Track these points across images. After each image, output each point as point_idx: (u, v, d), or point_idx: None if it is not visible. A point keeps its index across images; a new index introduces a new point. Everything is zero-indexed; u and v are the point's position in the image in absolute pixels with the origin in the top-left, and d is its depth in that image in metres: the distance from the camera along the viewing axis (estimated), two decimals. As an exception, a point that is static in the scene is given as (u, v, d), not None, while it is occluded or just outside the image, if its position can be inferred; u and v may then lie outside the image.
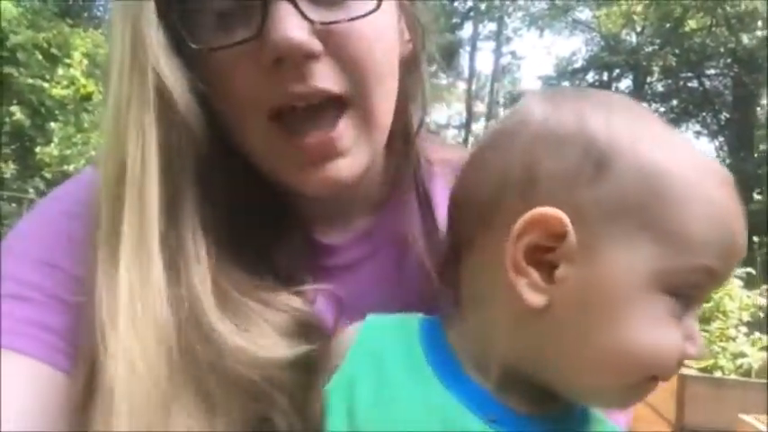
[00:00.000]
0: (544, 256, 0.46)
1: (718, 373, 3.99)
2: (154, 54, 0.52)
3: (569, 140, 0.46)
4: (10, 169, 8.25)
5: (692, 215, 0.45)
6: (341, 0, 0.55)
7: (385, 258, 0.67)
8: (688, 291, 0.46)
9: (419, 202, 0.67)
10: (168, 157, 0.53)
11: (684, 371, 3.76)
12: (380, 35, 0.57)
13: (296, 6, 0.52)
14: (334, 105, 0.55)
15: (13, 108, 8.34)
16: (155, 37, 0.52)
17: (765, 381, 3.49)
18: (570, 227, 0.45)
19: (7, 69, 8.11)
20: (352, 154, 0.57)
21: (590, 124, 0.47)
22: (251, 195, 0.60)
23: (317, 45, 0.53)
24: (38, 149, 8.42)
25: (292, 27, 0.51)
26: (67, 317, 0.56)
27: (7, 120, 8.26)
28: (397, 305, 0.59)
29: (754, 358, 3.96)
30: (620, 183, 0.45)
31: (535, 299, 0.46)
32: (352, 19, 0.54)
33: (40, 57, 8.63)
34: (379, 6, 0.55)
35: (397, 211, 0.67)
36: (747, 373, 3.94)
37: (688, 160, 0.47)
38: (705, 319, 4.61)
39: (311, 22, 0.52)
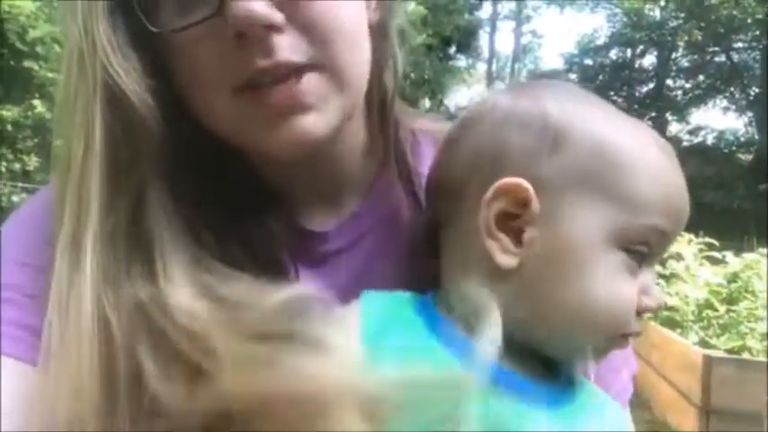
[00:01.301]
0: (512, 223, 0.52)
1: (746, 354, 3.91)
2: (102, 47, 0.51)
3: (530, 121, 0.54)
4: (33, 162, 8.40)
5: (639, 180, 0.52)
6: None
7: (375, 240, 0.66)
8: (640, 247, 0.52)
9: (400, 175, 0.67)
10: (118, 152, 0.53)
11: (710, 352, 3.69)
12: (344, 4, 0.56)
13: None
14: (299, 71, 0.53)
15: (35, 101, 8.48)
16: (104, 30, 0.51)
17: (795, 362, 3.38)
18: (533, 194, 0.51)
19: (28, 63, 8.23)
20: (320, 110, 0.55)
21: (547, 107, 0.54)
22: (229, 185, 0.60)
23: (278, 16, 0.51)
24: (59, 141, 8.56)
25: (252, 2, 0.50)
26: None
27: (29, 113, 8.40)
28: (390, 286, 0.59)
29: (784, 338, 3.87)
30: (574, 155, 0.52)
31: (506, 260, 0.52)
32: None
33: (59, 50, 8.74)
34: None
35: (384, 189, 0.67)
36: (777, 354, 3.85)
37: (632, 133, 0.55)
38: (733, 300, 4.52)
39: None
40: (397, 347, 0.52)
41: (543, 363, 0.55)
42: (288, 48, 0.52)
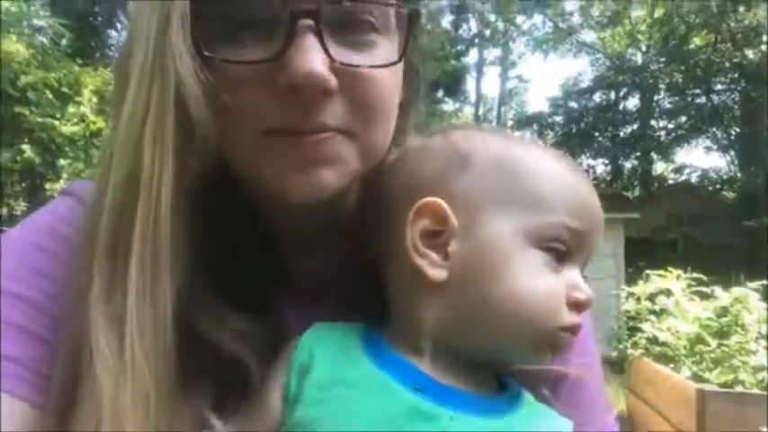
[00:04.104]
0: (437, 240, 0.57)
1: (739, 388, 3.89)
2: (180, 56, 0.51)
3: (441, 150, 0.61)
4: (21, 206, 8.35)
5: (538, 183, 0.58)
6: (364, 45, 0.56)
7: (355, 281, 0.67)
8: (556, 245, 0.57)
9: None
10: (180, 168, 0.52)
11: (704, 386, 3.67)
12: (391, 83, 0.59)
13: (321, 41, 0.52)
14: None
15: (24, 146, 8.48)
16: (182, 40, 0.51)
17: (787, 392, 3.36)
18: (449, 210, 0.57)
19: (18, 109, 8.27)
20: (337, 168, 0.57)
21: (453, 137, 0.63)
22: (228, 223, 0.60)
23: (333, 82, 0.53)
24: (48, 186, 8.54)
25: (315, 61, 0.52)
26: (33, 348, 0.56)
27: (18, 158, 8.40)
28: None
29: (776, 371, 3.85)
30: (479, 171, 0.59)
31: (437, 274, 0.57)
32: (373, 67, 0.55)
33: (50, 96, 8.80)
34: (400, 60, 0.59)
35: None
36: (770, 387, 3.83)
37: (531, 149, 0.61)
38: (724, 334, 4.52)
39: (333, 60, 0.53)
40: (330, 369, 0.56)
41: (491, 381, 0.59)
42: (330, 114, 0.54)
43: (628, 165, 20.77)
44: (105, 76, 9.61)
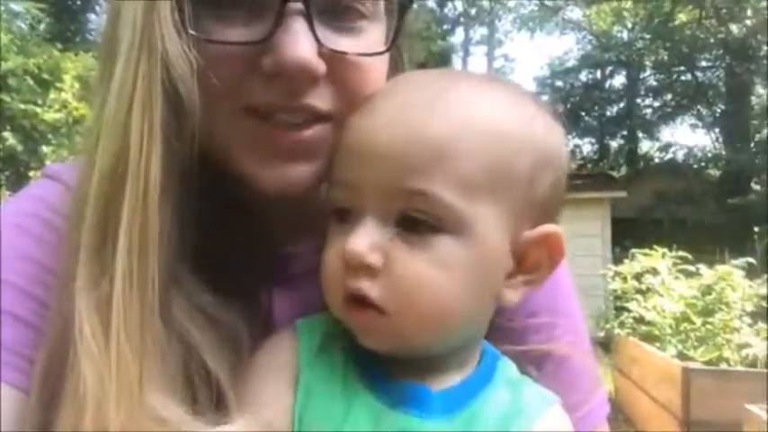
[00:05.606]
0: None
1: (723, 365, 3.96)
2: (168, 34, 0.50)
3: None
4: (4, 195, 8.23)
5: (340, 146, 0.55)
6: (352, 31, 0.55)
7: None
8: (340, 206, 0.55)
9: None
10: (168, 150, 0.51)
11: (689, 364, 3.73)
12: (378, 70, 0.58)
13: (311, 26, 0.51)
14: (314, 120, 0.55)
15: (6, 134, 8.34)
16: (169, 18, 0.50)
17: (770, 370, 3.43)
18: None
19: (-1, 96, 8.12)
20: (315, 161, 0.56)
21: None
22: (215, 204, 0.59)
23: (322, 69, 0.52)
24: (31, 174, 8.41)
25: (304, 46, 0.51)
26: (19, 331, 0.55)
27: (0, 146, 8.26)
28: None
29: (759, 348, 3.93)
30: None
31: None
32: (362, 54, 0.55)
33: (31, 82, 8.63)
34: (389, 49, 0.59)
35: None
36: (753, 364, 3.91)
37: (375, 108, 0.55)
38: (709, 312, 4.59)
39: (321, 45, 0.52)
40: (321, 388, 0.54)
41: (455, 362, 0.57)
42: (316, 95, 0.53)
43: (614, 144, 20.81)
44: (86, 62, 9.43)
